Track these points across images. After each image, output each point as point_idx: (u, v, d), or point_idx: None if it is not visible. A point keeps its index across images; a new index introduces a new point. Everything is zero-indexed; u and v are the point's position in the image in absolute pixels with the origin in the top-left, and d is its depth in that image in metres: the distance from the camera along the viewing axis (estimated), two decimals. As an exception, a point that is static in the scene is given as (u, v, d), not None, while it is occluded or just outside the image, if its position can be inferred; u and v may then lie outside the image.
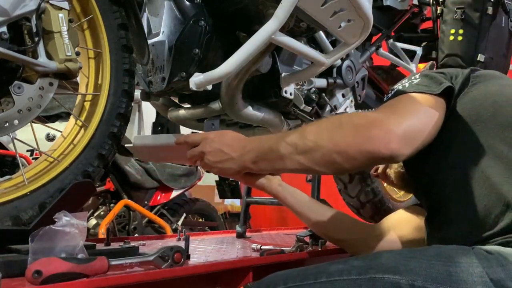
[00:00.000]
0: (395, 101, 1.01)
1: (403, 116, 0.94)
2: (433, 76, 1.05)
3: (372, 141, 0.90)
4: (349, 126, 0.94)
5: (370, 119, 0.94)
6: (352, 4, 1.27)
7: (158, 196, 3.55)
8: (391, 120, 0.92)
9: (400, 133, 0.90)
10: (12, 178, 1.10)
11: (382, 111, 1.00)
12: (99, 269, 0.86)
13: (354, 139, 0.92)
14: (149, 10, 1.40)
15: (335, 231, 1.35)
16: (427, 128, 0.95)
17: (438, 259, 0.83)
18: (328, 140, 0.94)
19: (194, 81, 1.27)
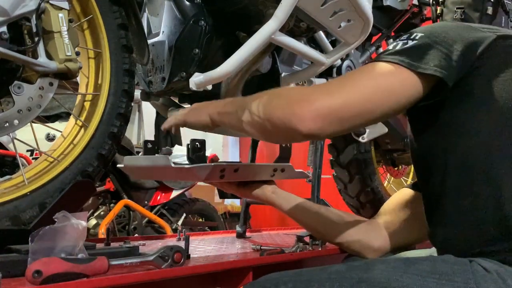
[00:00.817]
0: (352, 73, 0.98)
1: (336, 94, 0.89)
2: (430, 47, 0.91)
3: (293, 117, 0.87)
4: (284, 98, 0.93)
5: (303, 95, 0.91)
6: (352, 4, 1.27)
7: (158, 196, 3.55)
8: (321, 97, 0.88)
9: (322, 112, 0.86)
10: (12, 178, 1.10)
11: (323, 86, 0.97)
12: (99, 269, 0.86)
13: (282, 113, 0.90)
14: (149, 10, 1.40)
15: (330, 234, 1.33)
16: (364, 110, 0.88)
17: (433, 275, 0.80)
18: (264, 107, 0.93)
19: (194, 81, 1.27)
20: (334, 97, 0.88)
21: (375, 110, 0.89)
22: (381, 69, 0.91)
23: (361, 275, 0.83)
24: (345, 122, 0.88)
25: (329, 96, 0.88)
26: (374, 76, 0.91)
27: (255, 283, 0.95)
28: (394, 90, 0.89)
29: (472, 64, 0.91)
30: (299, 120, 0.87)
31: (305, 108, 0.87)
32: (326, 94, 0.89)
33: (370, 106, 0.88)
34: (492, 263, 0.82)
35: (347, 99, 0.88)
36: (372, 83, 0.90)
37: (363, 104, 0.88)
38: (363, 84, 0.90)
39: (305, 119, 0.86)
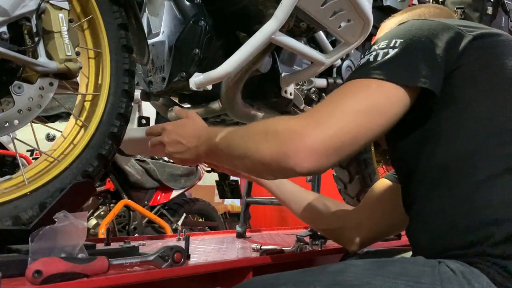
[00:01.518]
0: (339, 95, 0.91)
1: (327, 123, 0.85)
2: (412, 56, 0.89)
3: (287, 158, 0.85)
4: (272, 137, 0.88)
5: (291, 131, 0.86)
6: (352, 4, 1.27)
7: (158, 196, 3.55)
8: (311, 130, 0.84)
9: (316, 149, 0.83)
10: (12, 178, 1.10)
11: (311, 117, 0.89)
12: (99, 269, 0.86)
13: (274, 154, 0.87)
14: (149, 10, 1.40)
15: (314, 221, 1.39)
16: (358, 136, 0.86)
17: (402, 277, 0.82)
18: (254, 150, 0.91)
19: (194, 81, 1.27)
20: (325, 128, 0.85)
21: (369, 133, 0.87)
22: (368, 88, 0.88)
23: (334, 278, 0.85)
24: (341, 152, 0.85)
25: (320, 128, 0.85)
26: (362, 97, 0.88)
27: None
28: (384, 110, 0.87)
29: (451, 68, 0.91)
30: (294, 160, 0.84)
31: (298, 146, 0.84)
32: (316, 126, 0.85)
33: (363, 131, 0.86)
34: (459, 264, 0.83)
35: (338, 129, 0.85)
36: (361, 106, 0.87)
37: (356, 131, 0.85)
38: (352, 108, 0.87)
39: (300, 158, 0.84)
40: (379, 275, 0.83)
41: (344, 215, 1.34)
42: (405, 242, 1.64)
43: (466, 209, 0.87)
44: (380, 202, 1.28)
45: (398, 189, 1.11)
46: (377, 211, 1.27)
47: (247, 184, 1.97)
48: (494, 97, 0.91)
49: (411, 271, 0.83)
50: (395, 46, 0.91)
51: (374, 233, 1.30)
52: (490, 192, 0.85)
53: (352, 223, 1.30)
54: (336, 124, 0.85)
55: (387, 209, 1.24)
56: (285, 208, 1.43)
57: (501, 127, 0.89)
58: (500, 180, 0.85)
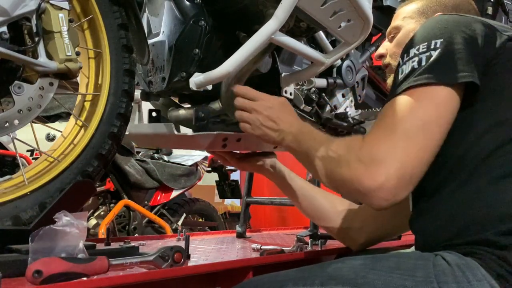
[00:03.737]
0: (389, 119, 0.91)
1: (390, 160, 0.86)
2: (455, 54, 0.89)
3: (369, 198, 0.89)
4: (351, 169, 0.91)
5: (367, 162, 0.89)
6: (352, 4, 1.27)
7: (158, 196, 3.55)
8: (379, 173, 0.86)
9: (394, 185, 0.86)
10: (12, 178, 1.10)
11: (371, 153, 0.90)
12: (99, 269, 0.86)
13: (356, 187, 0.91)
14: (149, 10, 1.40)
15: (319, 219, 1.39)
16: (424, 157, 0.88)
17: (397, 271, 0.84)
18: (336, 166, 0.95)
19: (194, 81, 1.27)
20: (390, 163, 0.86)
21: (433, 148, 0.88)
22: (420, 97, 0.89)
23: (331, 273, 0.87)
24: (414, 178, 0.88)
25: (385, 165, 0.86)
26: (418, 114, 0.88)
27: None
28: (442, 119, 0.89)
29: (488, 64, 0.91)
30: (373, 199, 0.88)
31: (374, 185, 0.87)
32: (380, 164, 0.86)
33: (428, 149, 0.88)
34: (455, 256, 0.84)
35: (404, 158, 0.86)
36: (419, 125, 0.88)
37: (422, 152, 0.87)
38: (411, 130, 0.88)
39: (379, 198, 0.88)
40: (374, 269, 0.85)
41: (350, 216, 1.34)
42: (405, 242, 1.65)
43: (477, 203, 0.87)
44: None
45: None
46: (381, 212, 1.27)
47: (247, 184, 1.97)
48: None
49: (405, 265, 0.85)
50: (436, 47, 0.91)
51: (379, 234, 1.30)
52: (504, 189, 0.86)
53: (357, 223, 1.30)
54: (400, 154, 0.87)
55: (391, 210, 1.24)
56: (285, 208, 1.43)
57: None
58: None
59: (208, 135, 1.11)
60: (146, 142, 1.25)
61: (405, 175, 0.86)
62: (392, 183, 0.86)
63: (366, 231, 1.29)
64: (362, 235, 1.29)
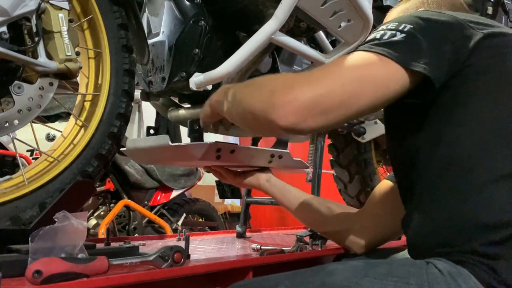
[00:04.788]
0: (337, 62, 0.89)
1: (320, 83, 0.83)
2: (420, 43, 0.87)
3: (273, 110, 0.82)
4: (265, 89, 0.87)
5: (284, 84, 0.85)
6: (352, 4, 1.27)
7: (158, 196, 3.55)
8: (303, 87, 0.82)
9: (304, 104, 0.81)
10: (12, 178, 1.10)
11: (306, 75, 0.89)
12: (99, 269, 0.86)
13: (263, 104, 0.85)
14: (149, 10, 1.40)
15: (318, 226, 1.37)
16: (348, 102, 0.83)
17: (390, 278, 0.84)
18: (248, 97, 0.90)
19: (194, 81, 1.27)
20: (317, 87, 0.82)
21: (360, 102, 0.84)
22: (368, 59, 0.86)
23: (323, 279, 0.87)
24: (329, 115, 0.82)
25: (312, 86, 0.83)
26: (360, 66, 0.86)
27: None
28: (381, 82, 0.85)
29: (460, 66, 0.90)
30: (280, 112, 0.81)
31: (286, 99, 0.81)
32: (308, 84, 0.83)
33: (354, 98, 0.84)
34: (447, 264, 0.84)
35: (330, 90, 0.82)
36: (357, 74, 0.85)
37: (348, 95, 0.83)
38: (348, 74, 0.85)
39: (286, 110, 0.81)
40: (368, 276, 0.85)
41: (348, 218, 1.32)
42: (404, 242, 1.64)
43: (465, 209, 0.87)
44: (382, 204, 1.27)
45: None
46: (380, 213, 1.26)
47: (247, 184, 1.97)
48: (501, 98, 0.90)
49: (399, 272, 0.85)
50: (403, 30, 0.89)
51: (381, 235, 1.28)
52: (492, 194, 0.85)
53: (356, 225, 1.29)
54: (328, 85, 0.83)
55: (390, 211, 1.23)
56: (285, 208, 1.43)
57: (506, 129, 0.89)
58: (503, 183, 0.85)
59: (202, 145, 1.12)
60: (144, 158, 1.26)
61: (323, 104, 0.82)
62: (307, 103, 0.81)
63: (367, 232, 1.28)
64: (364, 236, 1.28)
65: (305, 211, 1.36)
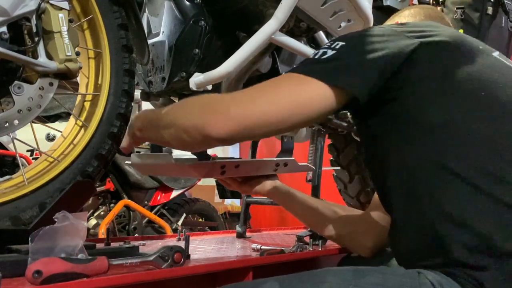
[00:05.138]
0: (268, 83, 0.97)
1: (248, 103, 0.91)
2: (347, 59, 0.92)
3: (206, 124, 0.89)
4: (197, 106, 0.94)
5: (216, 102, 0.94)
6: (352, 4, 1.27)
7: (158, 196, 3.55)
8: (235, 107, 0.91)
9: (235, 121, 0.89)
10: (12, 178, 1.10)
11: (236, 95, 0.98)
12: (99, 269, 0.86)
13: (195, 120, 0.91)
14: (149, 10, 1.40)
15: (324, 229, 1.36)
16: (275, 119, 0.90)
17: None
18: (180, 118, 0.95)
19: (194, 81, 1.27)
20: (247, 108, 0.90)
21: (285, 121, 0.91)
22: (295, 80, 0.93)
23: None
24: (254, 131, 0.90)
25: (243, 106, 0.91)
26: (287, 87, 0.93)
27: None
28: (305, 102, 0.91)
29: (397, 77, 0.92)
30: (212, 127, 0.88)
31: (219, 116, 0.89)
32: (241, 104, 0.92)
33: (280, 117, 0.90)
34: (437, 275, 0.84)
35: (257, 108, 0.90)
36: (284, 95, 0.91)
37: (274, 115, 0.90)
38: (276, 95, 0.92)
39: (218, 125, 0.88)
40: (358, 286, 0.84)
41: (353, 220, 1.32)
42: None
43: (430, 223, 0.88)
44: None
45: None
46: (384, 214, 1.26)
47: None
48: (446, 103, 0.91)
49: (391, 282, 0.84)
50: (334, 48, 0.94)
51: (384, 237, 1.27)
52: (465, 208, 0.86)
53: (362, 227, 1.28)
54: (258, 106, 0.91)
55: None
56: (285, 208, 1.43)
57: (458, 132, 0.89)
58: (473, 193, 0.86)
59: (206, 164, 1.11)
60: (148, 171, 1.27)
61: (250, 123, 0.89)
62: (237, 120, 0.89)
63: (373, 233, 1.26)
64: (369, 238, 1.27)
65: (311, 216, 1.36)
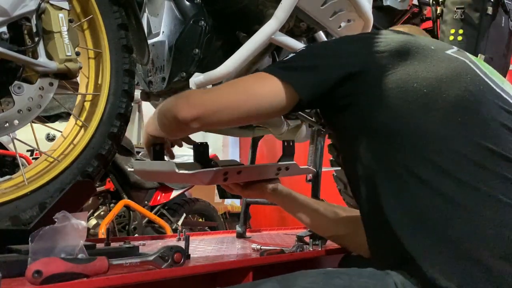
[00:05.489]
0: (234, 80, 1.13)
1: (209, 92, 1.08)
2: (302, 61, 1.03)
3: (175, 108, 1.02)
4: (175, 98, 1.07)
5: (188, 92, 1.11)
6: (352, 4, 1.27)
7: (158, 196, 3.55)
8: (196, 94, 1.09)
9: (193, 104, 1.01)
10: (12, 178, 1.10)
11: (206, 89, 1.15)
12: (99, 269, 0.86)
13: (170, 105, 1.05)
14: (149, 10, 1.40)
15: (324, 230, 1.38)
16: (230, 106, 1.01)
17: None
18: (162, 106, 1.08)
19: (194, 81, 1.27)
20: (207, 94, 1.07)
21: (238, 108, 1.01)
22: (256, 76, 1.05)
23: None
24: (212, 115, 1.01)
25: (205, 93, 1.09)
26: (247, 80, 1.06)
27: None
28: (258, 93, 1.01)
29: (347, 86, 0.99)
30: (178, 110, 1.01)
31: (185, 101, 1.02)
32: (204, 91, 1.10)
33: (234, 105, 1.01)
34: (403, 275, 0.89)
35: (215, 97, 1.04)
36: (242, 86, 1.04)
37: (227, 102, 1.01)
38: (234, 86, 1.05)
39: (184, 111, 1.00)
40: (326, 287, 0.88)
41: (353, 221, 1.31)
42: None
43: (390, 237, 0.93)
44: None
45: None
46: None
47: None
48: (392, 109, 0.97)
49: (356, 284, 0.88)
50: (298, 52, 1.06)
51: None
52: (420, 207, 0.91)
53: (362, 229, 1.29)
54: (216, 93, 1.06)
55: None
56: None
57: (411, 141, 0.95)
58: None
59: (209, 172, 1.12)
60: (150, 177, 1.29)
61: (209, 106, 1.01)
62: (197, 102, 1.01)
63: None
64: None
65: (312, 218, 1.36)
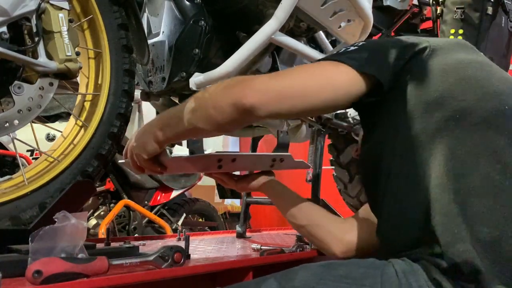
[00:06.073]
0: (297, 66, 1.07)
1: (278, 77, 0.97)
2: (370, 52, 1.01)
3: (236, 94, 0.93)
4: (229, 84, 0.97)
5: (248, 79, 0.98)
6: (352, 4, 1.27)
7: (158, 196, 3.55)
8: (262, 79, 0.96)
9: (261, 89, 0.93)
10: (12, 178, 1.10)
11: (268, 74, 1.03)
12: (99, 269, 0.86)
13: (226, 94, 0.95)
14: (149, 10, 1.40)
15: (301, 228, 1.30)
16: (303, 93, 0.95)
17: (345, 280, 0.87)
18: (209, 99, 0.97)
19: (194, 81, 1.27)
20: (276, 80, 0.96)
21: (314, 96, 0.95)
22: (324, 65, 0.99)
23: (283, 284, 0.89)
24: (284, 102, 0.93)
25: (272, 79, 0.96)
26: (316, 68, 1.00)
27: None
28: (333, 81, 0.96)
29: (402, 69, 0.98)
30: (242, 96, 0.92)
31: (248, 85, 0.94)
32: (269, 77, 0.97)
33: (308, 92, 0.95)
34: (404, 262, 0.88)
35: (287, 82, 0.95)
36: (313, 73, 0.98)
37: (302, 88, 0.95)
38: (305, 73, 0.98)
39: (249, 94, 0.92)
40: (324, 279, 0.88)
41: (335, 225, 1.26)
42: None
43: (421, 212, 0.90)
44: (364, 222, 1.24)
45: None
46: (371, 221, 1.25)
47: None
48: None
49: (355, 274, 0.88)
50: (357, 45, 1.02)
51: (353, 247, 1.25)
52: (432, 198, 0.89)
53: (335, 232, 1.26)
54: (286, 79, 0.96)
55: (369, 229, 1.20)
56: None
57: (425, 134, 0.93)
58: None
59: (202, 157, 1.12)
60: None
61: (280, 93, 0.94)
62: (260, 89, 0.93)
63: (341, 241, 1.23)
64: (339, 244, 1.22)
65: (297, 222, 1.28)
